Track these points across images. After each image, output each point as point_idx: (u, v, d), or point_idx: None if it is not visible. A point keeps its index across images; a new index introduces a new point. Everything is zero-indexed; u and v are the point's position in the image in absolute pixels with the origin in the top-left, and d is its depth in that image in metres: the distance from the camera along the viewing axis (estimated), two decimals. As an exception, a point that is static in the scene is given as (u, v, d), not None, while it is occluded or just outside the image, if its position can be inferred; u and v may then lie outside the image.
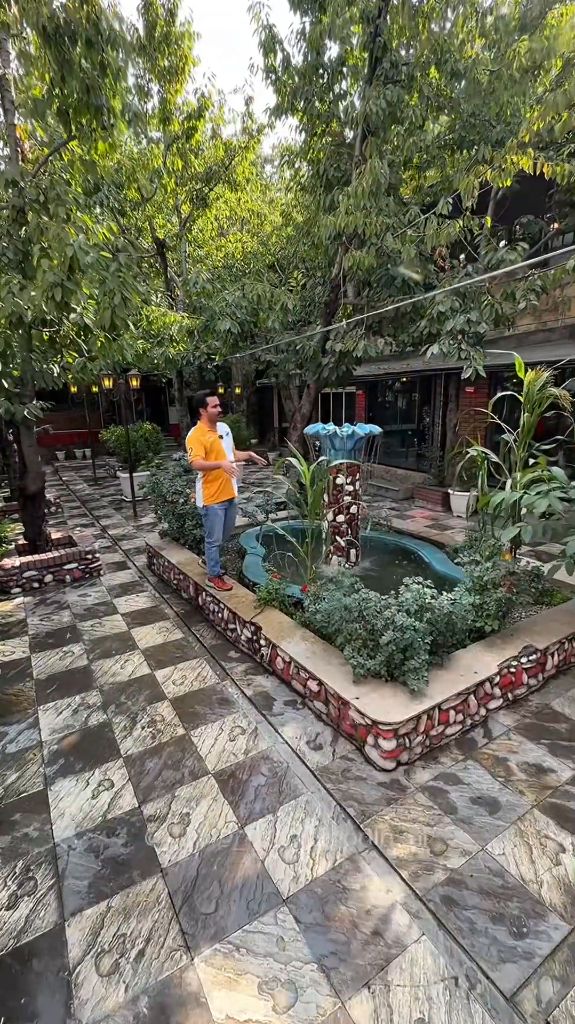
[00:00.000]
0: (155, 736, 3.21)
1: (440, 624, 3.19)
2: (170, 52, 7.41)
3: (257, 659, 4.05)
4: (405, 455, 11.36)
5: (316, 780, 2.80)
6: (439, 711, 3.00)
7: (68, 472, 15.29)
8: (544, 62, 5.29)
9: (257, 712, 3.42)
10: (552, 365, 4.61)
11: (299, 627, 3.85)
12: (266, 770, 2.88)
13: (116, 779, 2.86)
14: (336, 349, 6.17)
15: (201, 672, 3.96)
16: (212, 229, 11.87)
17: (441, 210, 4.81)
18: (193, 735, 3.21)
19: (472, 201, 4.81)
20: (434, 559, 5.35)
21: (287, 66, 7.15)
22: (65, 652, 4.32)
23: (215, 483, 4.52)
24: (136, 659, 4.18)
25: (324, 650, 3.53)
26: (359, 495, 5.11)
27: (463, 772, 2.84)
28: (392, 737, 2.80)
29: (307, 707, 3.43)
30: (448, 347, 5.17)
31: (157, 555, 6.01)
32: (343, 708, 3.09)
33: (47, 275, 4.20)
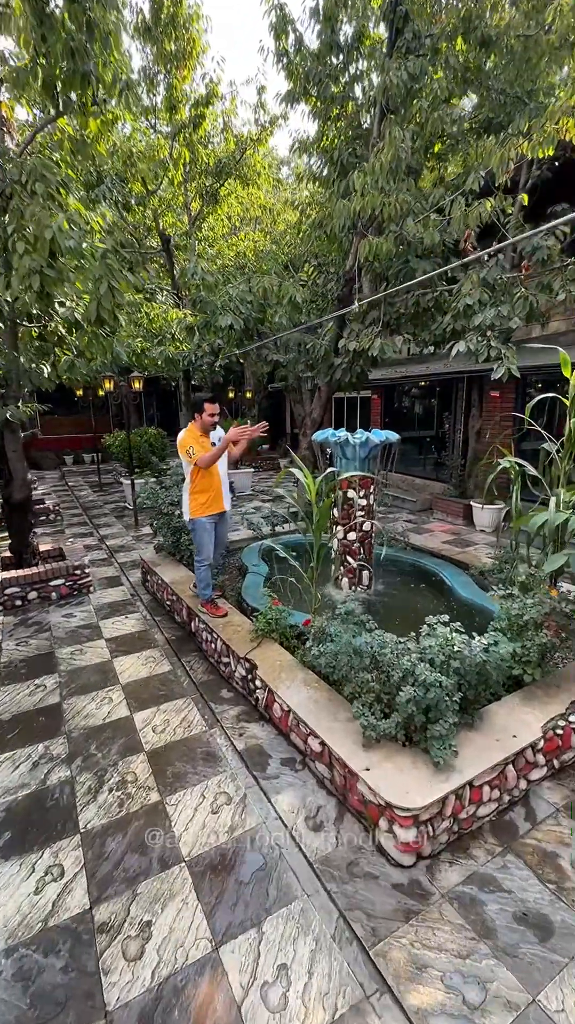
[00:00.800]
0: (123, 803, 2.67)
1: (471, 676, 2.60)
2: (177, 36, 7.01)
3: (251, 701, 3.49)
4: (423, 463, 10.73)
5: (315, 876, 2.23)
6: (471, 788, 2.40)
7: (75, 477, 14.97)
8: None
9: (248, 773, 2.86)
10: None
11: (301, 668, 3.28)
12: (253, 859, 2.32)
13: (68, 865, 2.32)
14: (350, 348, 5.63)
15: (187, 716, 3.41)
16: (223, 227, 11.45)
17: (471, 186, 4.25)
18: (169, 803, 2.66)
19: (507, 177, 4.25)
20: (457, 583, 4.74)
21: (299, 48, 6.68)
22: (37, 686, 3.81)
23: (205, 494, 4.01)
24: (115, 697, 3.65)
25: (329, 699, 2.95)
26: (373, 510, 4.54)
27: (502, 872, 2.23)
28: (411, 825, 2.21)
29: (308, 768, 2.86)
30: (477, 344, 4.59)
31: (151, 571, 5.50)
32: (350, 778, 2.51)
33: (23, 260, 3.73)
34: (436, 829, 2.30)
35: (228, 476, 4.30)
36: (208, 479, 4.01)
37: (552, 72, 5.37)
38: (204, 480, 3.99)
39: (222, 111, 9.48)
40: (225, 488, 4.16)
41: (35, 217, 3.72)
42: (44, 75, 4.16)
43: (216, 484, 4.06)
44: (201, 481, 4.00)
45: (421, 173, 6.13)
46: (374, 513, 4.57)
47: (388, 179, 4.51)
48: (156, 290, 8.78)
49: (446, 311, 5.58)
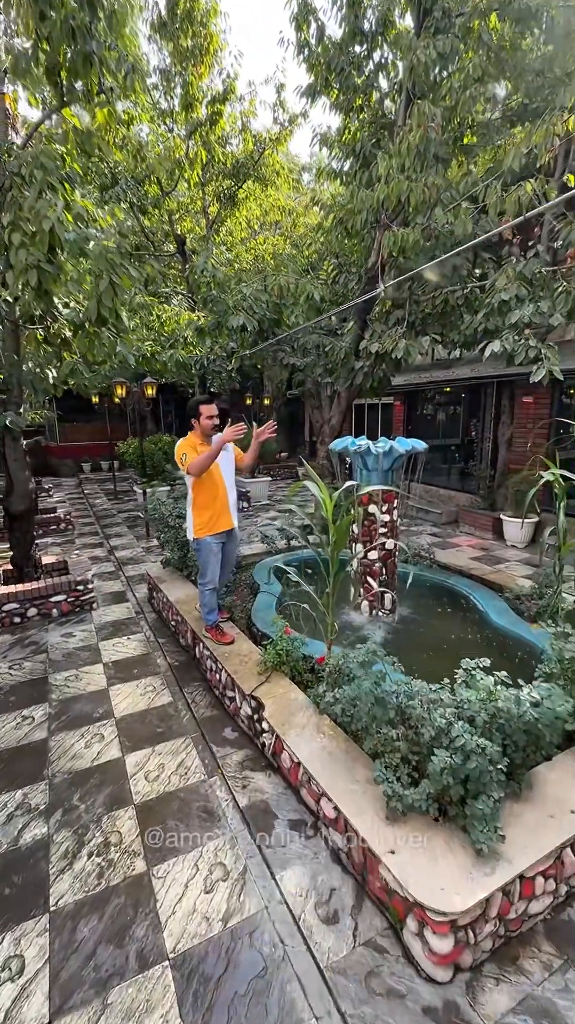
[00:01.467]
0: (103, 873, 2.28)
1: (518, 736, 2.14)
2: (194, 32, 6.79)
3: (258, 745, 3.08)
4: (448, 473, 10.21)
5: (326, 990, 1.80)
6: (521, 881, 1.94)
7: (91, 485, 14.86)
8: None
9: (250, 837, 2.45)
10: None
11: (315, 710, 2.86)
12: (251, 960, 1.90)
13: (31, 956, 1.94)
14: (372, 350, 5.23)
15: (185, 760, 3.01)
16: (242, 231, 11.21)
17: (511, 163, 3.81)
18: (156, 875, 2.26)
19: (550, 155, 3.81)
20: (491, 608, 4.26)
21: (321, 37, 6.37)
22: (24, 718, 3.47)
23: (208, 509, 3.63)
24: (107, 733, 3.28)
25: (346, 752, 2.52)
26: (397, 527, 4.10)
27: (563, 997, 1.77)
28: (448, 932, 1.77)
29: (320, 835, 2.43)
30: (513, 344, 4.14)
31: (157, 588, 5.15)
32: (371, 858, 2.08)
33: (19, 254, 3.45)
34: (478, 934, 1.85)
35: (237, 486, 3.93)
36: (211, 492, 3.63)
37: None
38: (206, 493, 3.61)
39: (241, 112, 9.26)
40: (232, 502, 3.77)
41: (33, 208, 3.44)
42: (47, 61, 3.92)
43: (221, 497, 3.68)
44: (203, 495, 3.61)
45: (450, 164, 5.72)
46: (398, 530, 4.13)
47: (415, 163, 4.11)
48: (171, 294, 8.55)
49: (477, 309, 5.13)
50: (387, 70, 6.26)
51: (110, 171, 6.99)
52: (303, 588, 3.24)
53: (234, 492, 3.82)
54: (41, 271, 3.54)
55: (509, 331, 4.27)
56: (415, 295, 5.40)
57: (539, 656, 3.13)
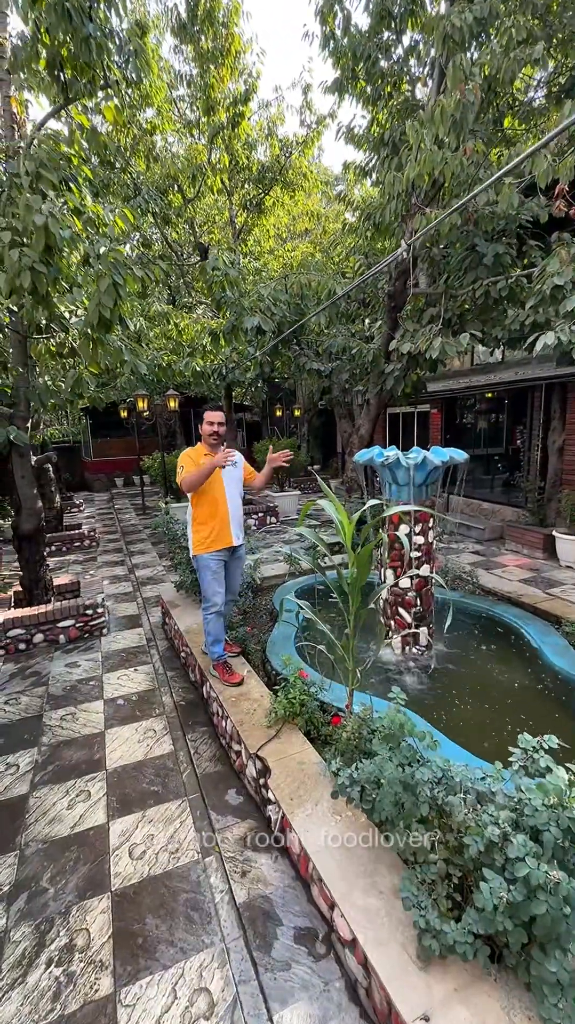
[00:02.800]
0: (60, 993, 1.83)
1: (602, 851, 1.55)
2: (215, 33, 6.59)
3: (264, 814, 2.57)
4: (491, 485, 9.45)
5: None
6: (615, 1079, 1.35)
7: (122, 499, 14.85)
8: None
9: (245, 951, 1.94)
10: None
11: (330, 781, 2.34)
12: None
13: None
14: (403, 351, 4.71)
15: (178, 832, 2.54)
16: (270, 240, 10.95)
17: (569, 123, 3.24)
18: (123, 1002, 1.79)
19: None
20: (547, 645, 3.62)
21: (347, 27, 6.02)
22: (8, 766, 3.11)
23: (207, 525, 3.26)
24: (95, 790, 2.86)
25: (368, 848, 1.99)
26: (433, 550, 3.54)
27: None
28: None
29: (334, 956, 1.90)
30: (570, 335, 3.53)
31: (169, 613, 4.76)
32: (396, 1016, 1.53)
33: (11, 253, 3.17)
34: None
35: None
36: (210, 507, 3.25)
37: None
38: (205, 508, 3.24)
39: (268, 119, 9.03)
40: (235, 518, 3.35)
41: (24, 203, 3.16)
42: (47, 55, 3.69)
43: (221, 514, 3.27)
44: (201, 509, 3.26)
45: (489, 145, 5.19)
46: (434, 554, 3.56)
47: (451, 135, 3.61)
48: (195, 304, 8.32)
49: (523, 301, 4.53)
50: (417, 53, 5.82)
51: (132, 181, 6.83)
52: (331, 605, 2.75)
53: (238, 508, 3.40)
54: (35, 273, 3.25)
55: (565, 321, 3.67)
56: (452, 288, 4.86)
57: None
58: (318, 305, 5.03)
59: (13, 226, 3.22)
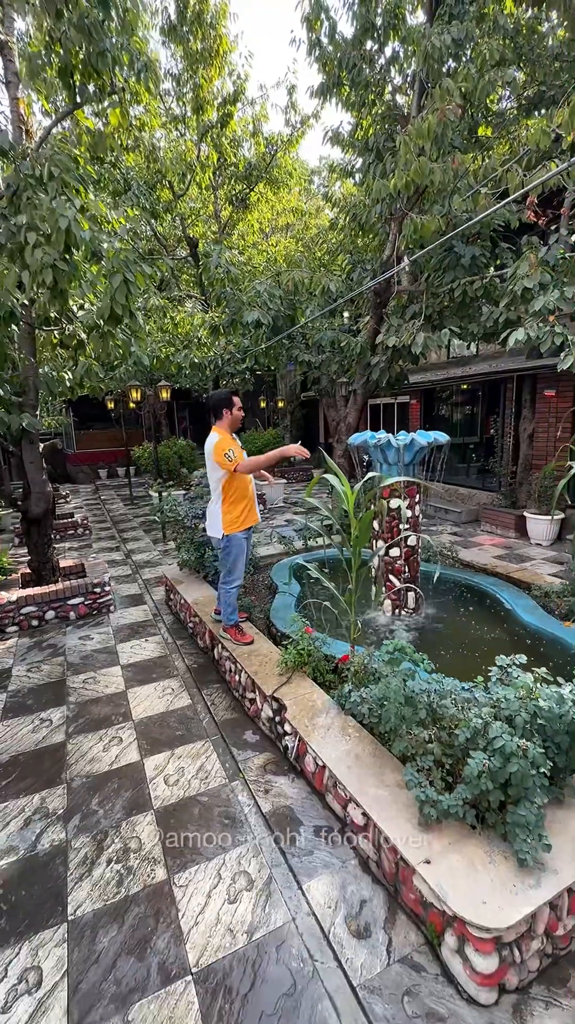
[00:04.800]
0: (123, 881, 2.19)
1: (560, 738, 2.00)
2: (203, 34, 6.81)
3: (280, 748, 2.97)
4: (467, 471, 10.01)
5: (360, 1011, 1.67)
6: (569, 895, 1.80)
7: (108, 490, 14.96)
8: None
9: (274, 845, 2.33)
10: None
11: (339, 711, 2.75)
12: (279, 976, 1.79)
13: (48, 968, 1.86)
14: (388, 345, 5.12)
15: (205, 764, 2.92)
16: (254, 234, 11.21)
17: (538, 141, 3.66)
18: (177, 883, 2.16)
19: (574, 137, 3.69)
20: (519, 606, 4.10)
21: (332, 35, 6.33)
22: (42, 721, 3.42)
23: (239, 505, 3.53)
24: (126, 736, 3.21)
25: (373, 755, 2.40)
26: (419, 522, 3.97)
27: (622, 1025, 1.61)
28: (492, 950, 1.63)
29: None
30: (538, 331, 3.99)
31: (174, 589, 5.09)
32: (403, 868, 1.95)
33: (35, 253, 3.43)
34: (524, 953, 1.71)
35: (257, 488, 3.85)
36: (243, 488, 3.54)
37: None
38: (239, 490, 3.52)
39: (253, 116, 9.27)
40: (256, 499, 3.70)
41: (49, 208, 3.43)
42: (60, 62, 3.93)
43: (251, 494, 3.61)
44: (236, 491, 3.51)
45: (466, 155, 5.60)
46: (420, 526, 4.00)
47: (433, 148, 4.02)
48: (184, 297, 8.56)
49: (496, 300, 4.99)
50: (399, 63, 6.19)
51: (123, 177, 7.02)
52: (324, 586, 3.14)
53: (256, 489, 3.75)
54: (56, 270, 3.52)
55: (533, 319, 4.13)
56: (432, 287, 5.28)
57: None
58: (310, 300, 5.39)
59: (37, 227, 3.48)
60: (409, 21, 6.21)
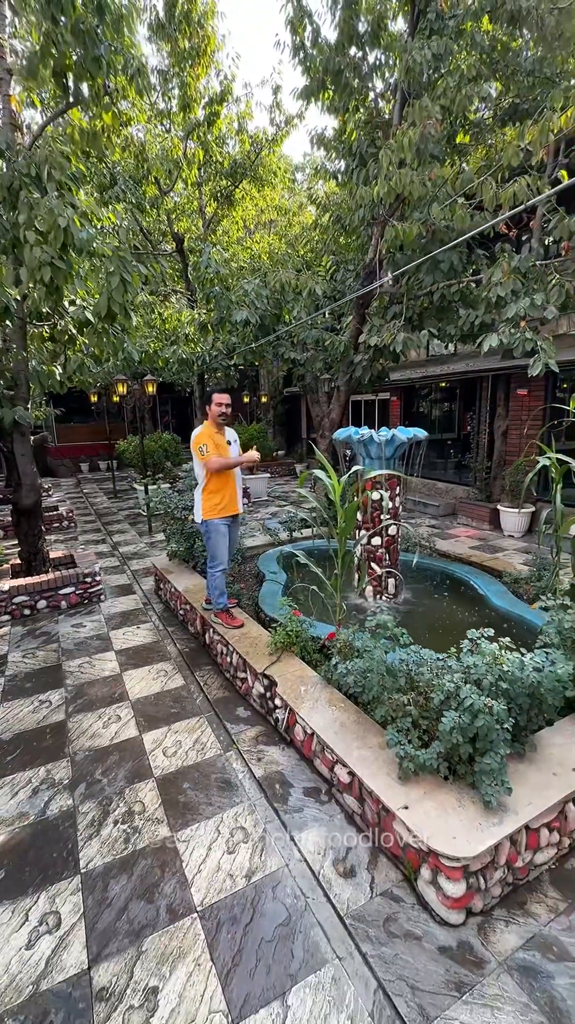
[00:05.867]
0: (129, 838, 2.39)
1: (522, 699, 2.27)
2: (191, 32, 6.90)
3: (271, 721, 3.20)
4: (445, 467, 10.37)
5: (347, 935, 1.92)
6: (527, 832, 2.07)
7: (90, 484, 14.91)
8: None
9: (267, 805, 2.56)
10: None
11: (325, 685, 2.98)
12: (275, 910, 2.02)
13: (66, 913, 2.05)
14: (371, 344, 5.36)
15: (200, 737, 3.13)
16: (238, 230, 11.32)
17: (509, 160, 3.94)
18: (180, 839, 2.37)
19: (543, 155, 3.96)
20: (491, 591, 4.40)
21: (316, 40, 6.49)
22: (41, 702, 3.58)
23: (218, 494, 3.77)
24: (124, 715, 3.39)
25: (357, 722, 2.65)
26: (399, 513, 4.23)
27: (569, 935, 1.90)
28: (460, 878, 1.89)
29: (335, 801, 2.55)
30: (510, 337, 4.27)
31: (164, 579, 5.26)
32: (385, 816, 2.20)
33: (34, 251, 3.55)
34: (488, 881, 1.98)
35: (243, 481, 4.06)
36: (224, 478, 3.78)
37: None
38: (219, 479, 3.76)
39: (238, 114, 9.37)
40: (239, 491, 3.91)
41: (48, 208, 3.54)
42: (55, 64, 4.02)
43: (232, 485, 3.82)
44: (216, 480, 3.76)
45: (444, 163, 5.86)
46: (400, 516, 4.26)
47: (415, 159, 4.24)
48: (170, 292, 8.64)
49: (472, 304, 5.27)
50: (382, 72, 6.39)
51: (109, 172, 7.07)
52: (311, 570, 3.37)
53: (241, 481, 3.96)
54: (54, 268, 3.64)
55: (505, 325, 4.42)
56: (412, 290, 5.53)
57: (538, 634, 3.27)
58: (296, 300, 5.59)
59: (35, 226, 3.59)
60: (391, 28, 6.41)
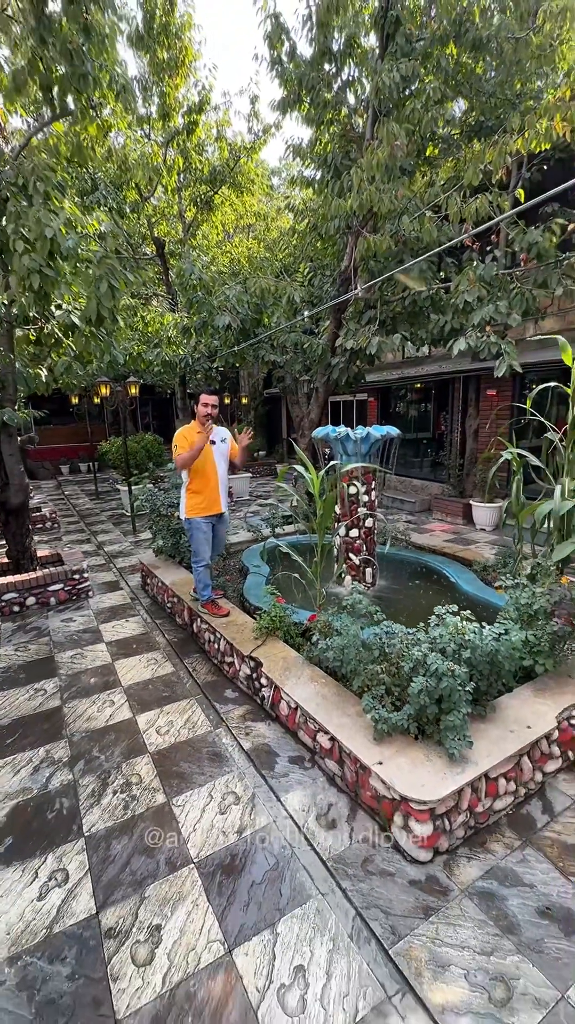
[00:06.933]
0: (128, 805, 2.59)
1: (482, 666, 2.55)
2: (170, 44, 7.09)
3: (257, 700, 3.42)
4: (420, 464, 10.74)
5: (329, 875, 2.15)
6: (486, 780, 2.34)
7: (71, 486, 14.88)
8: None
9: (256, 772, 2.78)
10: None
11: (307, 664, 3.22)
12: (264, 859, 2.24)
13: (73, 869, 2.24)
14: (347, 347, 5.63)
15: (191, 717, 3.33)
16: (217, 235, 11.52)
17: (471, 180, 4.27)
18: (175, 804, 2.58)
19: (503, 173, 4.29)
20: (461, 579, 4.70)
21: (293, 55, 6.75)
22: (36, 690, 3.73)
23: (200, 494, 3.96)
24: (117, 699, 3.57)
25: (337, 694, 2.89)
26: (376, 506, 4.50)
27: (522, 867, 2.17)
28: (428, 819, 2.15)
29: (317, 766, 2.79)
30: (477, 341, 4.59)
31: (151, 574, 5.43)
32: (362, 774, 2.45)
33: (22, 259, 3.70)
34: (452, 824, 2.24)
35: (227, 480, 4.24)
36: (203, 479, 3.96)
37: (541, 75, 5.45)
38: (199, 479, 3.95)
39: (216, 121, 9.58)
40: (223, 490, 4.11)
41: (35, 217, 3.70)
42: (41, 79, 4.18)
43: (212, 485, 4.01)
44: (197, 480, 3.95)
45: (414, 175, 6.18)
46: (376, 509, 4.53)
47: (384, 176, 4.53)
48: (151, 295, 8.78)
49: (442, 309, 5.58)
50: (354, 87, 6.69)
51: (90, 177, 7.21)
52: (293, 560, 3.60)
53: (225, 479, 4.15)
54: (43, 276, 3.80)
55: (473, 330, 4.73)
56: (385, 295, 5.83)
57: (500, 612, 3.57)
58: (275, 305, 5.83)
59: (23, 236, 3.74)
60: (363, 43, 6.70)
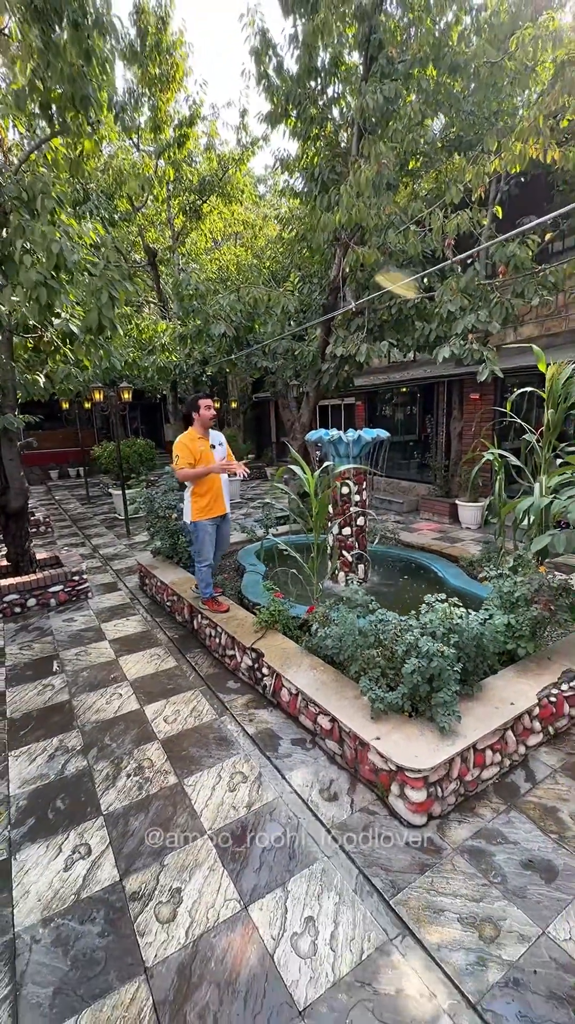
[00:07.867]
0: (142, 787, 2.76)
1: (469, 648, 2.77)
2: (161, 60, 7.29)
3: (259, 690, 3.61)
4: (408, 466, 11.03)
5: (333, 841, 2.35)
6: (474, 752, 2.56)
7: (61, 491, 14.90)
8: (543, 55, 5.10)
9: (260, 754, 2.97)
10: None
11: (306, 654, 3.42)
12: (273, 828, 2.43)
13: (94, 843, 2.40)
14: (336, 354, 5.87)
15: (196, 706, 3.50)
16: (206, 242, 11.73)
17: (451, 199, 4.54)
18: (187, 784, 2.76)
19: (481, 191, 4.57)
20: (448, 573, 4.95)
21: (280, 71, 6.99)
22: (44, 685, 3.87)
23: (205, 497, 4.12)
24: (124, 692, 3.73)
25: (335, 680, 3.09)
26: (367, 505, 4.72)
27: (507, 827, 2.39)
28: (422, 786, 2.36)
29: (318, 747, 2.99)
30: (460, 348, 4.85)
31: (149, 575, 5.58)
32: (361, 750, 2.65)
33: (30, 273, 3.86)
34: (444, 791, 2.45)
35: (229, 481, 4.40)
36: (207, 482, 4.12)
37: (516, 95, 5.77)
38: (204, 483, 4.09)
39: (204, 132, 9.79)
40: (226, 490, 4.28)
41: (41, 231, 3.86)
42: (41, 98, 4.35)
43: (216, 487, 4.18)
44: (201, 484, 4.10)
45: (398, 188, 6.46)
46: (367, 508, 4.75)
47: (371, 193, 4.78)
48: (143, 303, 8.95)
49: (427, 318, 5.85)
50: (339, 104, 6.96)
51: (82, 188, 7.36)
52: (290, 556, 3.80)
53: (227, 483, 4.33)
54: (49, 288, 3.96)
55: (456, 338, 5.00)
56: (373, 304, 6.09)
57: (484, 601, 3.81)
58: (267, 314, 6.05)
59: (29, 250, 3.91)
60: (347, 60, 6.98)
